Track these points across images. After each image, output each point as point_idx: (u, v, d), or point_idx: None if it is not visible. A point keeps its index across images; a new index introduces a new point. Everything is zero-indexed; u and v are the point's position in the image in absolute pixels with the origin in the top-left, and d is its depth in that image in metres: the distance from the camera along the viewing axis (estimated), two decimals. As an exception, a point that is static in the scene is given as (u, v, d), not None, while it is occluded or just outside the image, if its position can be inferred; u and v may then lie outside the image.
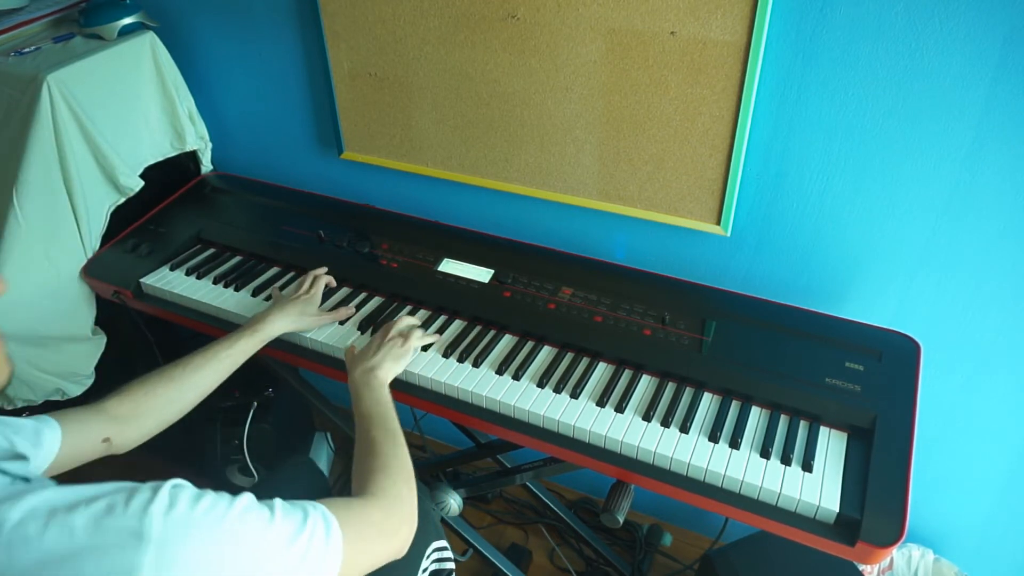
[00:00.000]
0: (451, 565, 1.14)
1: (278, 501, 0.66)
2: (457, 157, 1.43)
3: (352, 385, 1.05)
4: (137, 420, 1.00)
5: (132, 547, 0.53)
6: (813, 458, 0.98)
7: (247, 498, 0.63)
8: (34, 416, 0.86)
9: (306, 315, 1.21)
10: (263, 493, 0.68)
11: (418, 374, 1.14)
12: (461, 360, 1.16)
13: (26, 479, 0.62)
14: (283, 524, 0.64)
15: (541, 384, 1.11)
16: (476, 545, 1.46)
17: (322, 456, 2.00)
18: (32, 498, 0.55)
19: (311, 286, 1.26)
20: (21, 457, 0.74)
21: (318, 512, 0.68)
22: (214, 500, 0.60)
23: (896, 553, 1.45)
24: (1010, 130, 1.01)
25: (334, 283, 1.31)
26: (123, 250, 1.44)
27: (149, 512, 0.55)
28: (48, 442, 0.86)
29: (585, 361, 1.16)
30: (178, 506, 0.56)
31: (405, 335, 1.14)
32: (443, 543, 1.14)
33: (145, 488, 0.57)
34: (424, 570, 1.07)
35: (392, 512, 0.81)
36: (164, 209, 1.55)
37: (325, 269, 1.31)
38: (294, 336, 1.22)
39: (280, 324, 1.17)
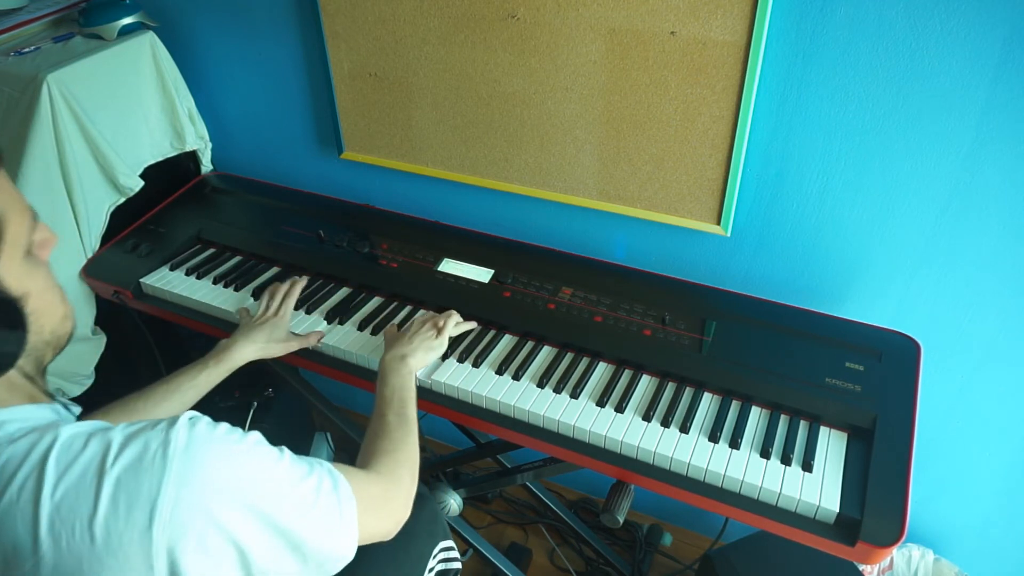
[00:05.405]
0: (457, 565, 1.14)
1: (285, 448, 0.70)
2: (457, 157, 1.43)
3: (381, 366, 1.06)
4: None
5: (160, 454, 0.60)
6: (813, 458, 0.98)
7: (257, 434, 0.69)
8: None
9: (274, 340, 1.16)
10: None
11: (418, 375, 1.14)
12: (461, 360, 1.16)
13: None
14: (291, 466, 0.69)
15: (541, 384, 1.11)
16: (476, 545, 1.46)
17: (322, 456, 1.99)
18: (81, 423, 0.63)
19: (280, 307, 1.20)
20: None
21: (324, 468, 0.72)
22: (230, 427, 0.66)
23: (896, 553, 1.45)
24: (1010, 130, 1.01)
25: (301, 286, 1.26)
26: (123, 250, 1.44)
27: (175, 427, 0.62)
28: None
29: (585, 361, 1.16)
30: (199, 425, 0.63)
31: (441, 327, 1.14)
32: (450, 543, 1.14)
33: (168, 418, 0.64)
34: (431, 569, 1.08)
35: (391, 494, 0.83)
36: (164, 209, 1.55)
37: (300, 280, 1.27)
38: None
39: (246, 352, 1.12)
